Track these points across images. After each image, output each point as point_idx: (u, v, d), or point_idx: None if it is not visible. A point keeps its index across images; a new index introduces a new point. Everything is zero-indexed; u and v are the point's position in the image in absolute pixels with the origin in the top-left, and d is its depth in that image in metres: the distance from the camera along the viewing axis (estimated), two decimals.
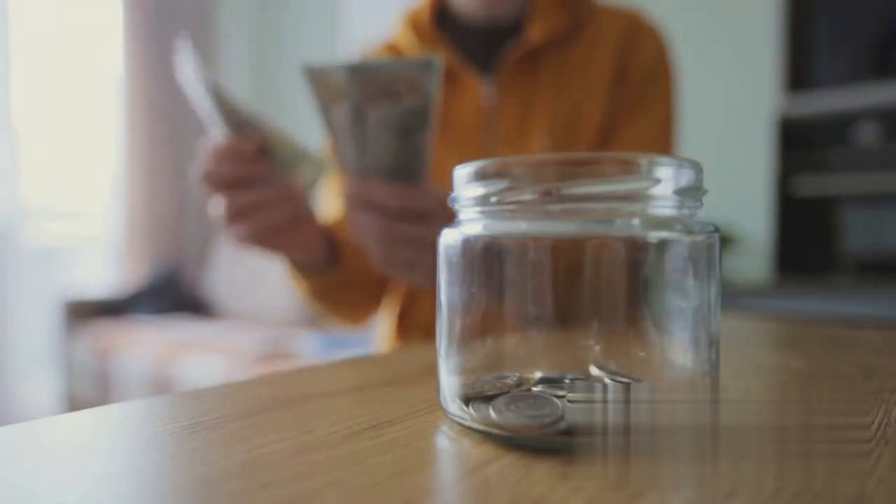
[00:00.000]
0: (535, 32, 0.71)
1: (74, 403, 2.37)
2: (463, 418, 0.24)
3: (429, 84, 0.48)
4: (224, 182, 0.53)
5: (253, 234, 0.55)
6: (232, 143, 0.52)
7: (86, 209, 2.81)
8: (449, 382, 0.25)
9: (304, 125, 2.86)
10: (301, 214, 0.57)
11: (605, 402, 0.20)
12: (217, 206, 0.54)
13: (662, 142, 0.73)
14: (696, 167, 0.24)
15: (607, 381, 0.24)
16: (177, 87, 2.97)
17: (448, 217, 0.49)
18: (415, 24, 0.76)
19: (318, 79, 0.49)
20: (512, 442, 0.22)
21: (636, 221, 0.22)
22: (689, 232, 0.23)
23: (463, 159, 0.27)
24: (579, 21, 0.74)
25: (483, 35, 0.75)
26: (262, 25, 3.12)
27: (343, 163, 0.53)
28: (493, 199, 0.23)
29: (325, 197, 0.82)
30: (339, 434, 0.23)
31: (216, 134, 0.54)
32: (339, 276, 0.67)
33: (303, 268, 0.66)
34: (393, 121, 0.49)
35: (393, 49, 0.79)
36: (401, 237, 0.52)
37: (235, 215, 0.54)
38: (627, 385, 0.22)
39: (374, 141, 0.50)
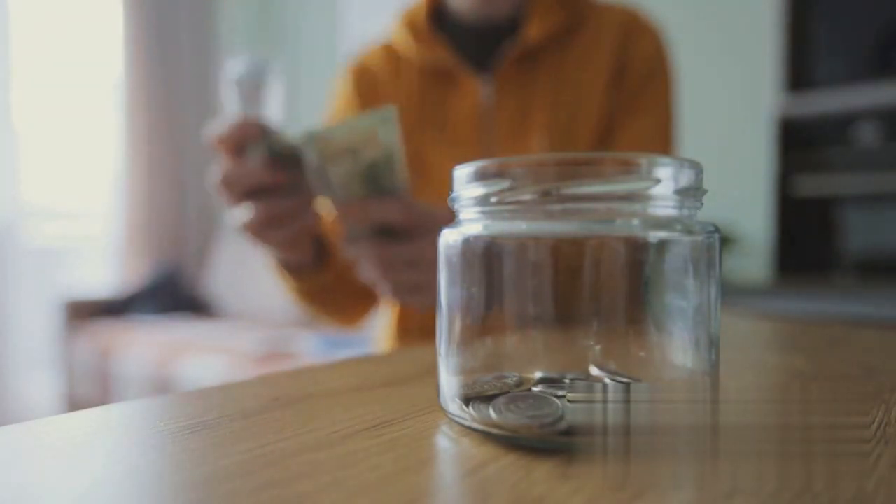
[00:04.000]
0: (533, 31, 0.71)
1: (74, 403, 2.37)
2: (463, 418, 0.24)
3: (387, 134, 0.49)
4: (255, 188, 0.51)
5: (281, 240, 0.54)
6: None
7: (86, 209, 2.81)
8: (449, 382, 0.25)
9: (303, 126, 2.86)
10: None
11: (605, 402, 0.20)
12: (247, 212, 0.52)
13: (662, 142, 0.73)
14: (696, 167, 0.24)
15: (607, 381, 0.24)
16: (177, 87, 2.98)
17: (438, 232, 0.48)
18: (411, 24, 0.76)
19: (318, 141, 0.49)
20: (512, 442, 0.22)
21: (636, 221, 0.22)
22: (689, 232, 0.23)
23: (460, 159, 0.26)
24: (577, 19, 0.74)
25: (480, 34, 0.75)
26: (263, 25, 3.12)
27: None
28: (493, 199, 0.23)
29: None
30: (339, 434, 0.23)
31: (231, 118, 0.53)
32: (327, 277, 0.66)
33: (290, 267, 0.65)
34: (356, 175, 0.49)
35: (389, 49, 0.79)
36: (398, 260, 0.51)
37: (270, 222, 0.52)
38: (627, 385, 0.22)
39: (341, 194, 0.51)
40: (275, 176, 0.51)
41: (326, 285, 0.68)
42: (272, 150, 0.51)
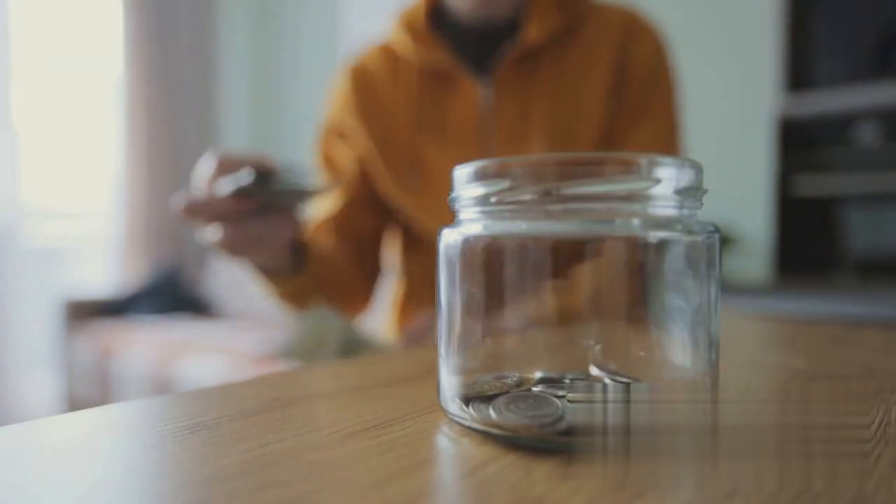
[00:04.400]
0: (532, 32, 0.71)
1: (74, 403, 2.37)
2: (463, 418, 0.24)
3: (335, 327, 0.61)
4: (222, 215, 0.51)
5: (255, 256, 0.56)
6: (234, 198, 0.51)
7: (86, 209, 2.81)
8: (449, 382, 0.25)
9: (303, 126, 2.87)
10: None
11: (605, 402, 0.20)
12: (215, 234, 0.52)
13: (671, 145, 0.73)
14: (696, 167, 0.24)
15: (607, 381, 0.24)
16: (177, 87, 2.98)
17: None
18: (409, 25, 0.76)
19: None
20: (512, 442, 0.22)
21: (636, 221, 0.22)
22: (689, 232, 0.23)
23: (460, 160, 0.26)
24: (577, 20, 0.73)
25: (479, 35, 0.75)
26: (263, 25, 3.12)
27: None
28: (493, 199, 0.23)
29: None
30: (339, 434, 0.23)
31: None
32: (305, 280, 0.66)
33: (267, 271, 0.65)
34: (341, 354, 0.61)
35: (387, 50, 0.79)
36: None
37: (243, 245, 0.53)
38: (627, 385, 0.22)
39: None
40: (241, 204, 0.50)
41: (305, 288, 0.67)
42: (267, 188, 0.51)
